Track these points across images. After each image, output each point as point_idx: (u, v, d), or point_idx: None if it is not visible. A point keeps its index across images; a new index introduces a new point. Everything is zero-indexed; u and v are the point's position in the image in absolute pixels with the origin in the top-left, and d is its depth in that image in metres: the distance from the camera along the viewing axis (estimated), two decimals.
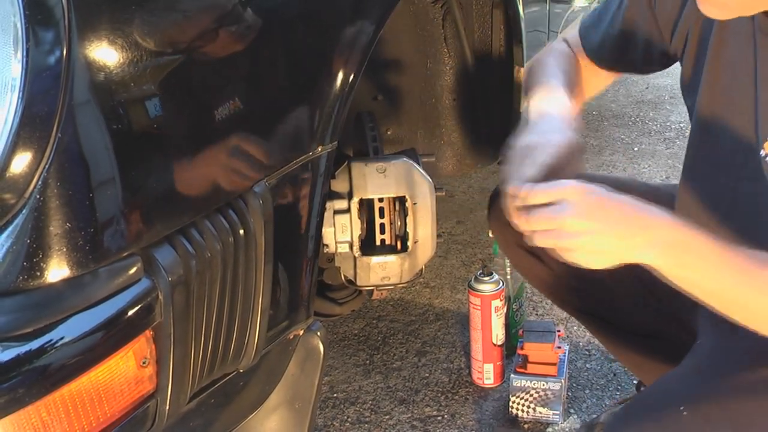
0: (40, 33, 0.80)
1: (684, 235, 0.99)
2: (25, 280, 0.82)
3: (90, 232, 0.84)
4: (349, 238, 1.36)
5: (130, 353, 0.90)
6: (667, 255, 0.99)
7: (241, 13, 0.99)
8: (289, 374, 1.23)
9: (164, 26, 0.90)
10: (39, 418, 0.84)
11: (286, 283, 1.14)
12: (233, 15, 0.98)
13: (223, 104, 0.99)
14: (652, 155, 3.23)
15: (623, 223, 1.00)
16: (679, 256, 0.99)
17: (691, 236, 0.98)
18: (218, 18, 0.96)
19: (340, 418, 1.82)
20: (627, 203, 1.01)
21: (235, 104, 1.00)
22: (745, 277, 0.97)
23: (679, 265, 0.99)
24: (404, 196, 1.38)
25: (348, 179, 1.36)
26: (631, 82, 4.10)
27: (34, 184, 0.81)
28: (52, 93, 0.80)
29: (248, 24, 0.99)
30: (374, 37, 1.19)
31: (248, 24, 0.99)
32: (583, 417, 1.77)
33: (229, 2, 0.97)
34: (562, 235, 1.02)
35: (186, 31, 0.92)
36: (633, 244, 0.99)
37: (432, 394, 1.88)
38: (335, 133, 1.15)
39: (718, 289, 0.99)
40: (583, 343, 2.03)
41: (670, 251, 0.99)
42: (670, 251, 0.99)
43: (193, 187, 0.95)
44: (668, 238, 0.99)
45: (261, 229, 1.03)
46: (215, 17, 0.96)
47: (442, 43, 1.76)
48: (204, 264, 0.96)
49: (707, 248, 0.98)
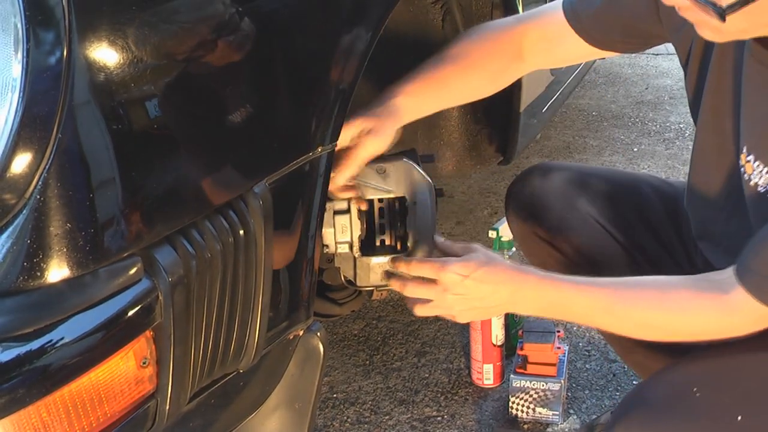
0: (40, 33, 0.80)
1: (550, 297, 1.22)
2: (25, 281, 0.82)
3: (90, 233, 0.84)
4: (349, 239, 1.36)
5: (131, 353, 0.90)
6: (540, 314, 1.29)
7: (242, 14, 0.99)
8: (289, 374, 1.23)
9: (164, 27, 0.90)
10: (39, 418, 0.84)
11: (286, 284, 1.14)
12: (233, 17, 0.98)
13: (223, 105, 0.99)
14: (651, 156, 3.24)
15: (495, 306, 1.26)
16: (549, 313, 1.27)
17: (556, 295, 1.21)
18: (218, 19, 0.96)
19: (340, 418, 1.82)
20: (500, 282, 1.23)
21: (235, 105, 1.00)
22: (606, 311, 1.20)
23: (551, 316, 1.29)
24: (404, 197, 1.38)
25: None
26: (631, 83, 4.10)
27: (34, 185, 0.81)
28: (52, 93, 0.80)
29: (248, 25, 0.99)
30: (374, 38, 1.19)
31: (248, 25, 0.99)
32: (582, 417, 1.77)
33: (230, 4, 0.97)
34: (436, 309, 1.27)
35: (186, 33, 0.93)
36: (504, 311, 1.31)
37: (432, 395, 1.88)
38: (335, 134, 1.16)
39: (589, 323, 1.28)
40: (582, 343, 2.03)
41: (541, 313, 1.28)
42: (541, 313, 1.28)
43: (193, 187, 0.95)
44: (537, 305, 1.24)
45: (261, 229, 1.03)
46: (215, 19, 0.96)
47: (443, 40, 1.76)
48: (204, 264, 0.96)
49: (572, 300, 1.21)
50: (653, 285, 1.19)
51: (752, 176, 1.16)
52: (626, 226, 1.48)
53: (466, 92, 1.44)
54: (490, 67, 1.41)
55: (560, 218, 1.49)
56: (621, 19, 1.32)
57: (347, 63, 1.15)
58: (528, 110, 1.92)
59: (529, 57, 1.42)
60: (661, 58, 4.37)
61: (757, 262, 1.07)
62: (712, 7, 0.97)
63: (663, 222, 1.47)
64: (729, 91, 1.21)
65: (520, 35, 1.40)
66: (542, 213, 1.51)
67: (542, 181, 1.52)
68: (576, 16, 1.35)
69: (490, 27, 1.46)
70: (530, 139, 2.30)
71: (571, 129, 3.55)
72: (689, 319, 1.15)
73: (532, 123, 2.10)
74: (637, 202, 1.50)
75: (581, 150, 3.32)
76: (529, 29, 1.40)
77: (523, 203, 1.54)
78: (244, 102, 1.01)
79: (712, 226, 1.31)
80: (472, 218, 2.75)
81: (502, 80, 1.45)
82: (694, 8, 1.01)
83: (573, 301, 1.21)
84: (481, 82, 1.42)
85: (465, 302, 1.25)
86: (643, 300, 1.18)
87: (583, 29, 1.35)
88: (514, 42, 1.40)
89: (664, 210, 1.48)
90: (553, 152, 3.31)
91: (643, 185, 1.53)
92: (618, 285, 1.20)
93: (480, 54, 1.39)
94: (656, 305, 1.17)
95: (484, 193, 2.91)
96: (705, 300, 1.13)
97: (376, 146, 1.29)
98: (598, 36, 1.35)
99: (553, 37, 1.39)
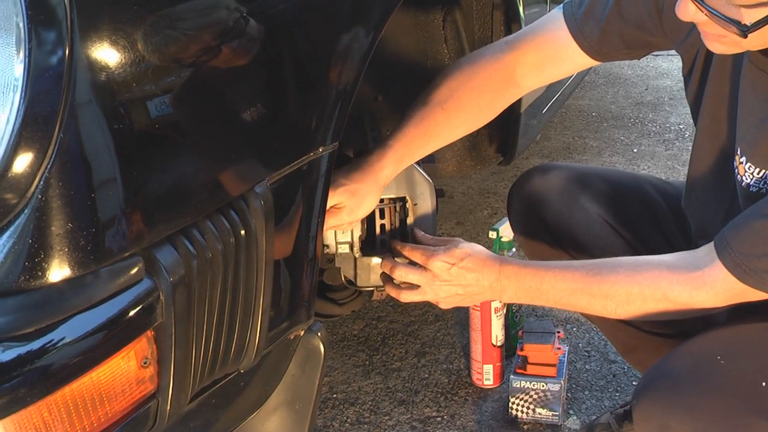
0: (42, 33, 0.80)
1: (529, 282, 1.27)
2: (26, 280, 0.82)
3: (91, 232, 0.84)
4: (350, 239, 1.36)
5: (132, 353, 0.90)
6: (521, 300, 1.33)
7: (243, 15, 0.99)
8: (290, 375, 1.23)
9: (166, 27, 0.90)
10: (40, 418, 0.84)
11: (287, 284, 1.14)
12: (235, 18, 0.98)
13: (224, 105, 0.99)
14: (651, 156, 3.24)
15: (478, 293, 1.32)
16: (530, 298, 1.31)
17: (535, 280, 1.27)
18: (220, 20, 0.96)
19: (340, 418, 1.82)
20: (484, 270, 1.29)
21: (237, 105, 1.00)
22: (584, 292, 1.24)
23: (532, 302, 1.33)
24: (405, 197, 1.38)
25: None
26: (631, 84, 4.10)
27: (35, 184, 0.81)
28: (54, 93, 0.80)
29: (250, 26, 0.99)
30: (375, 39, 1.19)
31: (250, 26, 0.99)
32: (582, 418, 1.78)
33: (231, 5, 0.97)
34: (422, 294, 1.33)
35: (188, 34, 0.92)
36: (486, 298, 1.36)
37: (431, 395, 1.88)
38: (336, 134, 1.15)
39: (569, 306, 1.29)
40: (582, 344, 2.04)
41: (523, 299, 1.32)
42: (523, 299, 1.32)
43: (194, 187, 0.95)
44: (518, 291, 1.29)
45: (262, 229, 1.03)
46: (217, 20, 0.96)
47: (443, 43, 1.76)
48: (205, 264, 0.96)
49: (551, 283, 1.26)
50: (628, 263, 1.24)
51: (744, 177, 1.19)
52: (631, 222, 1.49)
53: (458, 132, 1.42)
54: (480, 103, 1.39)
55: (564, 216, 1.50)
56: (627, 33, 1.32)
57: (348, 63, 1.15)
58: (528, 111, 1.93)
59: (523, 82, 1.41)
60: (660, 59, 4.38)
61: (736, 239, 1.12)
62: (736, 24, 0.98)
63: (668, 218, 1.49)
64: (727, 96, 1.24)
65: (514, 63, 1.38)
66: (546, 212, 1.51)
67: (544, 180, 1.52)
68: (581, 31, 1.34)
69: (477, 59, 1.40)
70: (530, 140, 2.30)
71: (571, 130, 3.55)
72: (660, 293, 1.19)
73: (532, 124, 2.10)
74: (641, 200, 1.51)
75: (581, 151, 3.33)
76: (522, 56, 1.38)
77: (525, 203, 1.54)
78: (246, 102, 1.01)
79: (711, 226, 1.33)
80: (472, 218, 2.75)
81: (496, 109, 1.44)
82: (712, 23, 1.02)
83: (551, 284, 1.26)
84: (472, 121, 1.41)
85: (450, 288, 1.32)
86: (618, 278, 1.21)
87: (588, 44, 1.35)
88: (507, 71, 1.39)
89: (668, 207, 1.49)
90: (553, 153, 3.31)
91: (644, 184, 1.54)
92: (594, 266, 1.25)
93: (468, 93, 1.37)
94: (630, 281, 1.21)
95: (484, 194, 2.91)
96: (676, 276, 1.18)
97: (348, 218, 1.31)
98: (604, 50, 1.35)
99: (550, 56, 1.38)
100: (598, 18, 1.32)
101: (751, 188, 1.18)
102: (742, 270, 1.11)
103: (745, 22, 0.98)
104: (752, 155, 1.18)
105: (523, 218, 1.56)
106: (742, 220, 1.13)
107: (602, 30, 1.32)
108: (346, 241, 1.36)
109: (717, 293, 1.15)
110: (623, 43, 1.34)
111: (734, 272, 1.12)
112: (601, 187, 1.51)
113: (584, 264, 1.27)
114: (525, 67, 1.39)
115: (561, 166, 1.58)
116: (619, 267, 1.23)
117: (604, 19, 1.31)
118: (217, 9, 0.96)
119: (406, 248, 1.34)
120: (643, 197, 1.51)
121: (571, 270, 1.26)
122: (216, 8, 0.96)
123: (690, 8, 1.03)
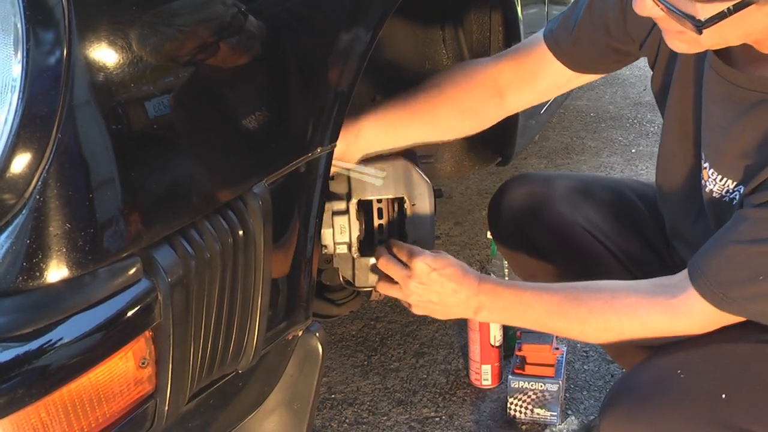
0: (40, 33, 0.80)
1: (506, 301, 1.28)
2: (24, 281, 0.82)
3: (90, 233, 0.84)
4: (348, 239, 1.36)
5: (130, 354, 0.90)
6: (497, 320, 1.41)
7: (242, 15, 0.99)
8: (288, 375, 1.23)
9: (164, 28, 0.90)
10: (38, 418, 0.84)
11: (285, 284, 1.14)
12: (233, 18, 0.98)
13: (222, 105, 0.99)
14: (649, 157, 3.24)
15: (452, 306, 1.30)
16: (505, 318, 1.35)
17: (512, 300, 1.27)
18: (218, 20, 0.96)
19: (338, 419, 1.82)
20: (462, 284, 1.28)
21: (235, 105, 1.00)
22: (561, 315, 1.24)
23: (507, 322, 1.39)
24: (403, 197, 1.38)
25: (347, 180, 1.36)
26: (629, 84, 4.10)
27: (33, 185, 0.81)
28: (52, 93, 0.80)
29: (248, 26, 1.00)
30: (373, 39, 1.20)
31: (248, 26, 1.00)
32: (580, 418, 1.78)
33: (230, 5, 0.97)
34: (396, 291, 1.33)
35: (186, 34, 0.93)
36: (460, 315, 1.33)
37: (430, 395, 1.88)
38: (334, 134, 1.16)
39: (544, 328, 1.29)
40: (581, 344, 2.03)
41: (498, 318, 1.39)
42: (498, 318, 1.39)
43: (192, 187, 0.95)
44: (494, 311, 1.29)
45: (260, 229, 1.03)
46: (215, 20, 0.96)
47: (441, 44, 1.76)
48: (203, 264, 0.96)
49: (527, 304, 1.26)
50: (605, 289, 1.23)
51: (707, 183, 1.21)
52: (611, 229, 1.50)
53: (439, 128, 1.44)
54: (463, 104, 1.41)
55: (544, 225, 1.51)
56: (597, 39, 1.33)
57: (346, 64, 1.15)
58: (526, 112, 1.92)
59: (508, 93, 1.43)
60: None
61: (710, 267, 1.12)
62: (691, 20, 0.99)
63: (647, 221, 1.50)
64: (692, 100, 1.24)
65: (496, 72, 1.42)
66: (528, 224, 1.52)
67: (524, 192, 1.53)
68: (555, 41, 1.37)
69: (467, 65, 1.48)
70: (529, 141, 2.30)
71: (569, 130, 3.56)
72: (638, 322, 1.19)
73: (531, 124, 2.10)
74: (620, 206, 1.52)
75: (579, 151, 3.33)
76: (503, 66, 1.42)
77: (507, 217, 1.55)
78: (244, 103, 1.01)
79: (681, 228, 1.35)
80: (470, 219, 2.75)
81: (481, 117, 1.45)
82: (669, 19, 1.03)
83: (529, 305, 1.25)
84: (454, 118, 1.43)
85: (424, 293, 1.30)
86: (596, 305, 1.21)
87: (563, 53, 1.36)
88: (489, 79, 1.42)
89: (646, 209, 1.50)
90: (551, 153, 3.31)
91: (623, 188, 1.55)
92: (573, 289, 1.24)
93: (453, 90, 1.41)
94: (607, 309, 1.21)
95: (483, 194, 2.91)
96: (653, 304, 1.18)
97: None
98: (576, 58, 1.37)
99: (530, 70, 1.40)
100: (571, 27, 1.34)
101: (715, 194, 1.19)
102: (719, 298, 1.11)
103: (700, 17, 0.98)
104: (714, 162, 1.19)
105: (506, 233, 1.57)
106: (714, 246, 1.13)
107: (575, 38, 1.34)
108: (345, 242, 1.36)
109: (694, 321, 1.16)
110: (594, 50, 1.35)
111: (711, 300, 1.12)
112: (580, 196, 1.52)
113: (564, 287, 1.26)
114: (506, 79, 1.41)
115: (537, 176, 1.60)
116: (598, 293, 1.23)
117: (577, 25, 1.33)
118: (215, 10, 0.96)
119: (396, 245, 1.34)
120: (623, 202, 1.52)
121: (549, 292, 1.25)
122: (214, 9, 0.96)
123: (647, 3, 1.03)
